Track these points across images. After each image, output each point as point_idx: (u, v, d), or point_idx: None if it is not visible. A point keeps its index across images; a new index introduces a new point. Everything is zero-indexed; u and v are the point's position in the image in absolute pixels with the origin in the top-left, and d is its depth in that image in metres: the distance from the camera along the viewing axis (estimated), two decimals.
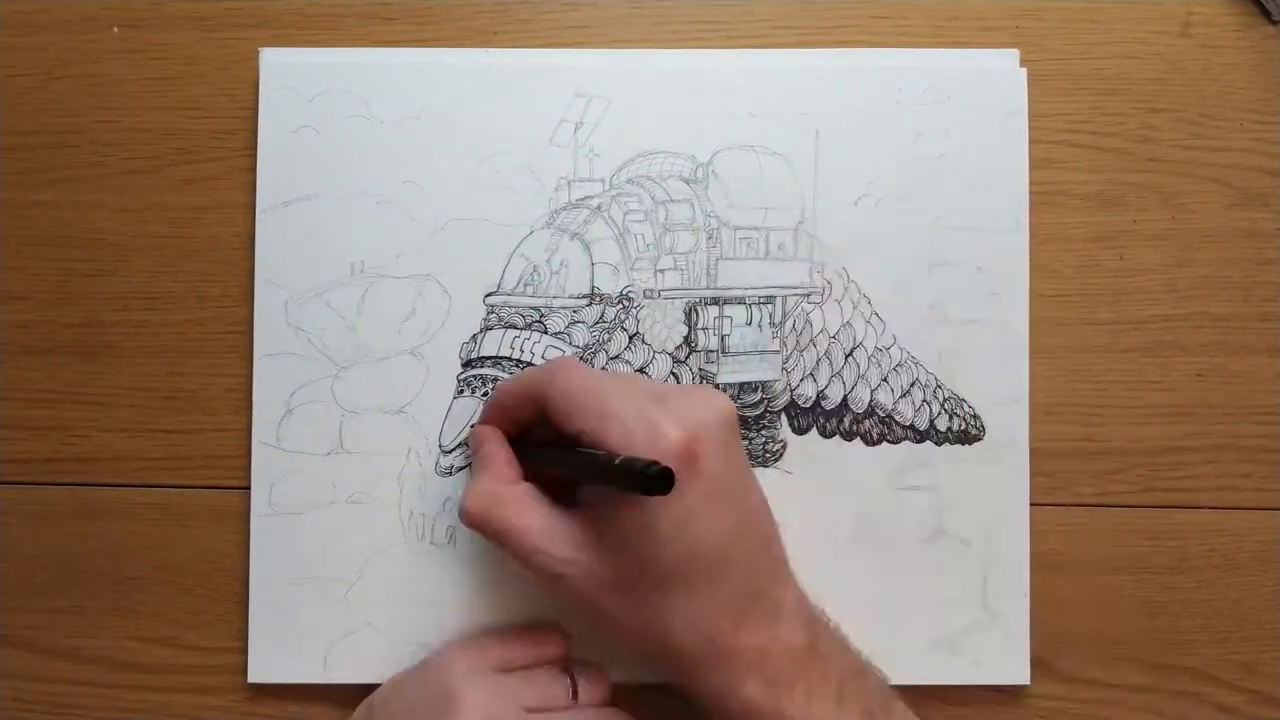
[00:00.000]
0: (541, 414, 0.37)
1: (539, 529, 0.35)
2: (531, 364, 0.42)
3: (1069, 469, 0.43)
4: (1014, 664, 0.42)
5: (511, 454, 0.38)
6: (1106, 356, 0.43)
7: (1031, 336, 0.42)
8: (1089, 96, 0.43)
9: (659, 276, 0.42)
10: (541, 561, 0.35)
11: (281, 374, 0.42)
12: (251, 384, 0.42)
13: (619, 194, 0.42)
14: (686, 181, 0.43)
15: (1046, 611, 0.42)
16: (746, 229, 0.42)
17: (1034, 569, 0.42)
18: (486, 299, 0.42)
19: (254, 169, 0.42)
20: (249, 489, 0.42)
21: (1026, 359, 0.42)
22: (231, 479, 0.43)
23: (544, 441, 0.38)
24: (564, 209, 0.42)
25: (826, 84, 0.42)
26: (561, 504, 0.36)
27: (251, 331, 0.42)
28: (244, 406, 0.42)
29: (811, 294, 0.42)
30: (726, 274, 0.42)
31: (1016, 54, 0.43)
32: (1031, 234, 0.42)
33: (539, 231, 0.42)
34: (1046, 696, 0.42)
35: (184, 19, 0.43)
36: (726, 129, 0.42)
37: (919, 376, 0.42)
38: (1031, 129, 0.43)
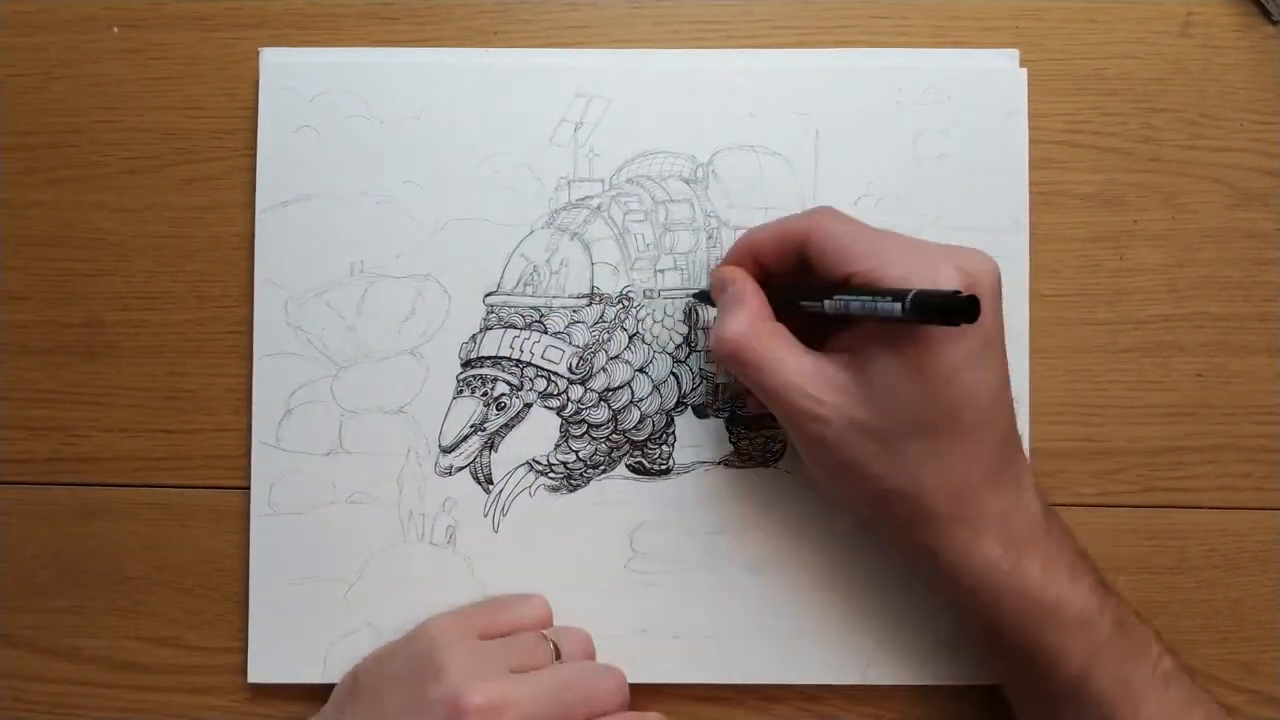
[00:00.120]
0: (796, 259, 0.36)
1: (797, 367, 0.35)
2: (531, 364, 0.42)
3: (1069, 469, 0.43)
4: None
5: (763, 293, 0.37)
6: (1106, 356, 0.43)
7: (1031, 336, 0.42)
8: (1089, 96, 0.43)
9: (659, 276, 0.42)
10: (796, 400, 0.35)
11: (281, 374, 0.42)
12: (251, 384, 0.42)
13: (619, 194, 0.42)
14: (686, 181, 0.43)
15: None
16: (747, 229, 0.42)
17: None
18: (486, 299, 0.42)
19: (254, 169, 0.42)
20: (249, 489, 0.42)
21: (1026, 359, 0.42)
22: (231, 479, 0.43)
23: (794, 286, 0.37)
24: (564, 209, 0.42)
25: (826, 84, 0.42)
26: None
27: (251, 331, 0.42)
28: (244, 406, 0.42)
29: None
30: None
31: (1016, 54, 0.43)
32: (1031, 234, 0.42)
33: (539, 231, 0.42)
34: None
35: (184, 19, 0.43)
36: (726, 129, 0.42)
37: None
38: (1031, 129, 0.43)
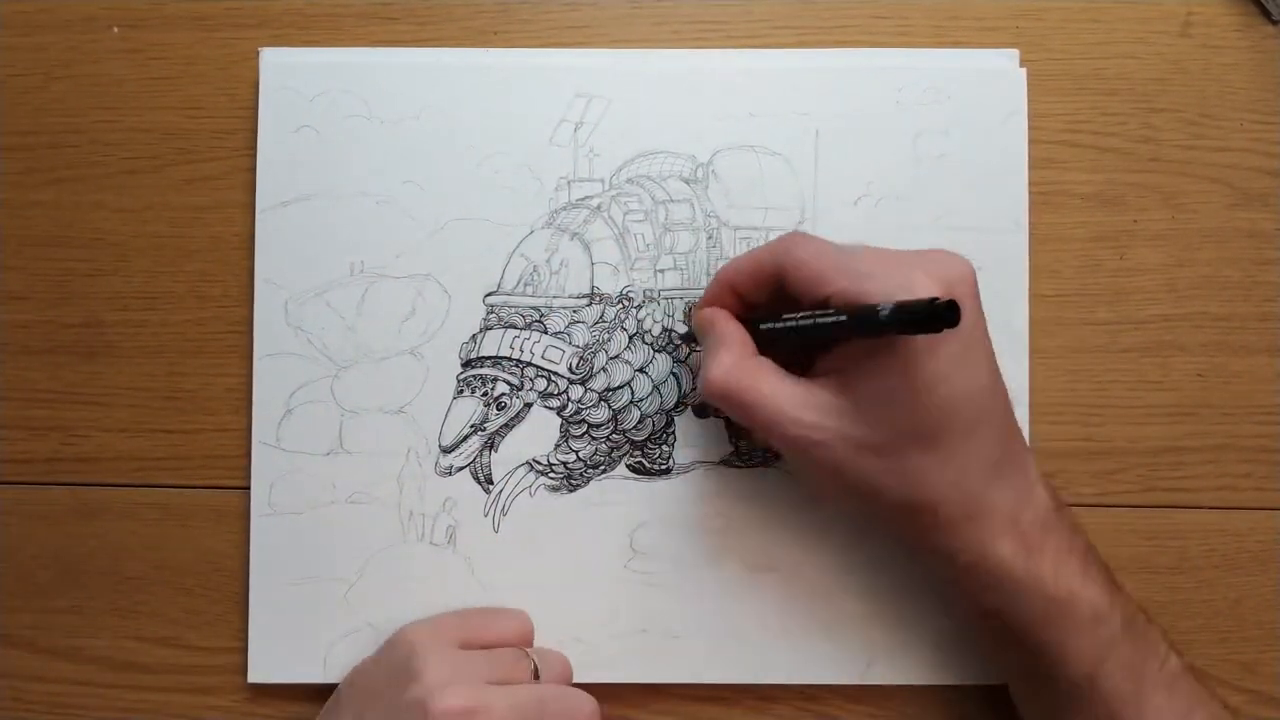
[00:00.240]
0: (773, 289, 0.37)
1: (787, 396, 0.35)
2: (531, 364, 0.42)
3: (1069, 469, 0.43)
4: None
5: (744, 330, 0.38)
6: (1106, 356, 0.43)
7: (1031, 336, 0.42)
8: (1089, 96, 0.43)
9: (659, 276, 0.42)
10: (792, 429, 0.35)
11: (281, 374, 0.42)
12: (251, 384, 0.42)
13: (619, 194, 0.42)
14: (686, 181, 0.43)
15: None
16: (746, 229, 0.42)
17: None
18: (486, 299, 0.42)
19: (254, 169, 0.42)
20: (249, 489, 0.42)
21: (1026, 359, 0.42)
22: (231, 479, 0.43)
23: (774, 316, 0.37)
24: (564, 209, 0.42)
25: (826, 84, 0.42)
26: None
27: (251, 331, 0.42)
28: (244, 406, 0.42)
29: None
30: None
31: (1016, 54, 0.43)
32: (1031, 234, 0.42)
33: (539, 231, 0.42)
34: None
35: (184, 19, 0.43)
36: (726, 129, 0.42)
37: None
38: (1031, 129, 0.43)
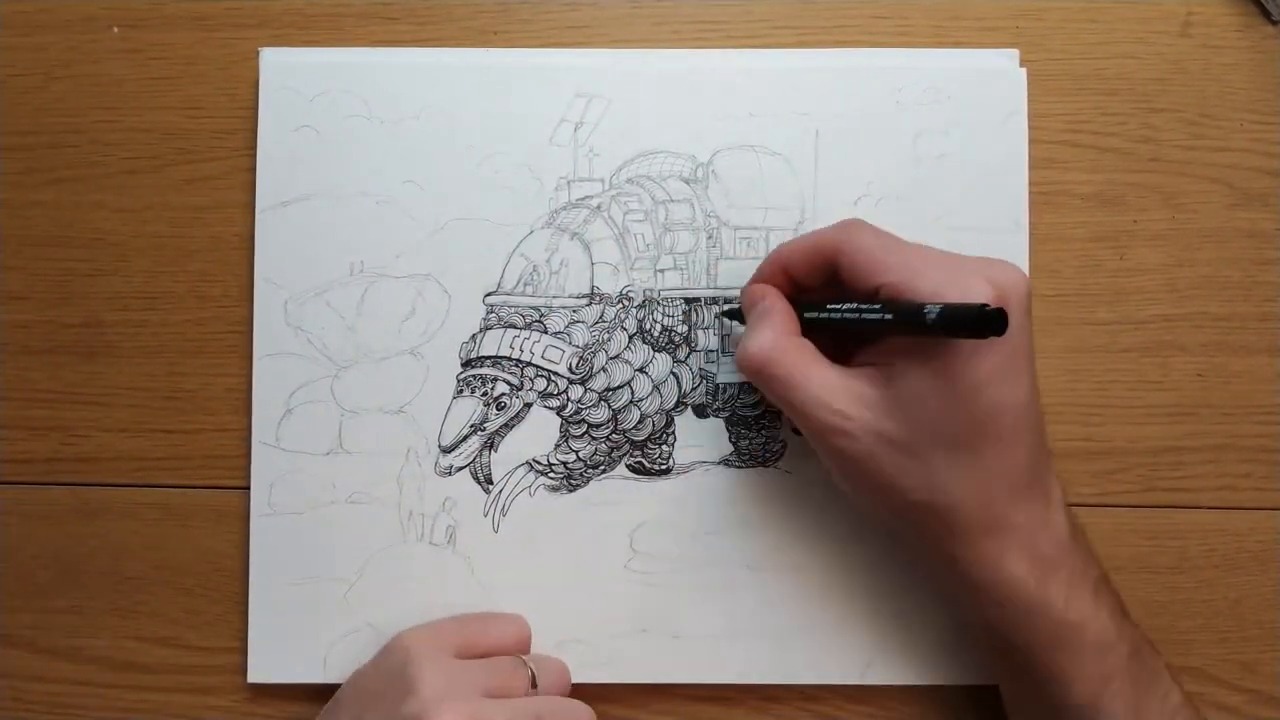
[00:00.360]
0: (827, 273, 0.36)
1: (822, 381, 0.35)
2: (532, 364, 0.42)
3: (1069, 469, 0.43)
4: None
5: (791, 309, 0.37)
6: (1106, 356, 0.43)
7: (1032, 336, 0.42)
8: (1089, 96, 0.43)
9: (659, 276, 0.42)
10: (822, 415, 0.34)
11: (281, 374, 0.42)
12: (251, 384, 0.42)
13: (619, 194, 0.42)
14: (686, 181, 0.43)
15: None
16: (746, 229, 0.42)
17: None
18: (486, 299, 0.42)
19: (254, 169, 0.42)
20: (249, 489, 0.42)
21: None
22: (231, 479, 0.43)
23: (823, 301, 0.37)
24: (564, 209, 0.42)
25: (826, 84, 0.42)
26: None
27: (251, 331, 0.42)
28: (244, 406, 0.42)
29: None
30: (727, 274, 0.42)
31: (1016, 54, 0.43)
32: (1031, 234, 0.42)
33: (539, 231, 0.42)
34: None
35: (184, 19, 0.43)
36: (726, 129, 0.42)
37: None
38: (1031, 129, 0.42)
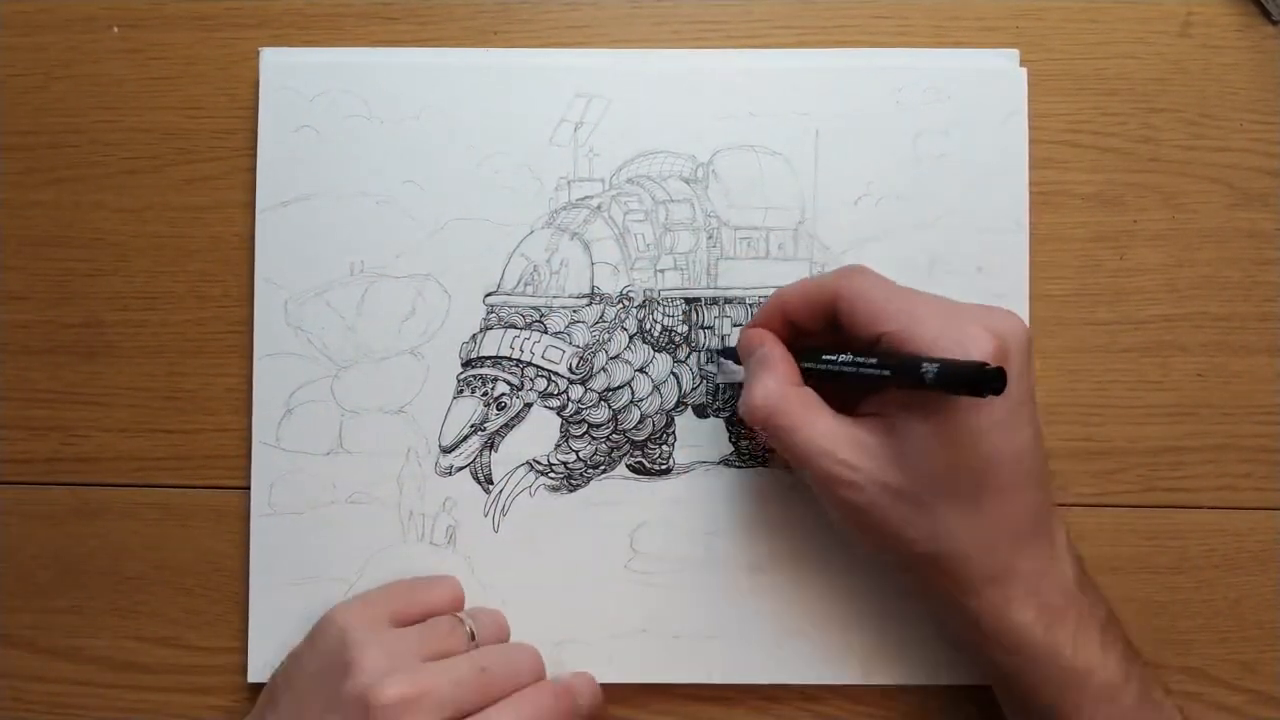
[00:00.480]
0: (826, 318, 0.36)
1: (827, 431, 0.35)
2: (532, 364, 0.42)
3: (1069, 469, 0.43)
4: None
5: (790, 357, 0.37)
6: (1106, 356, 0.43)
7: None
8: (1089, 96, 0.43)
9: (659, 276, 0.42)
10: (827, 465, 0.34)
11: (281, 374, 0.42)
12: (251, 384, 0.42)
13: (619, 194, 0.42)
14: (686, 181, 0.43)
15: None
16: (747, 229, 0.42)
17: None
18: (486, 299, 0.42)
19: (254, 169, 0.42)
20: (249, 489, 0.42)
21: None
22: (231, 479, 0.43)
23: (822, 349, 0.37)
24: (564, 209, 0.42)
25: (826, 84, 0.42)
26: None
27: (251, 331, 0.42)
28: (244, 406, 0.42)
29: None
30: (727, 274, 0.42)
31: (1016, 54, 0.43)
32: (1031, 234, 0.42)
33: (539, 231, 0.42)
34: None
35: (184, 19, 0.43)
36: (726, 129, 0.42)
37: None
38: (1031, 129, 0.42)
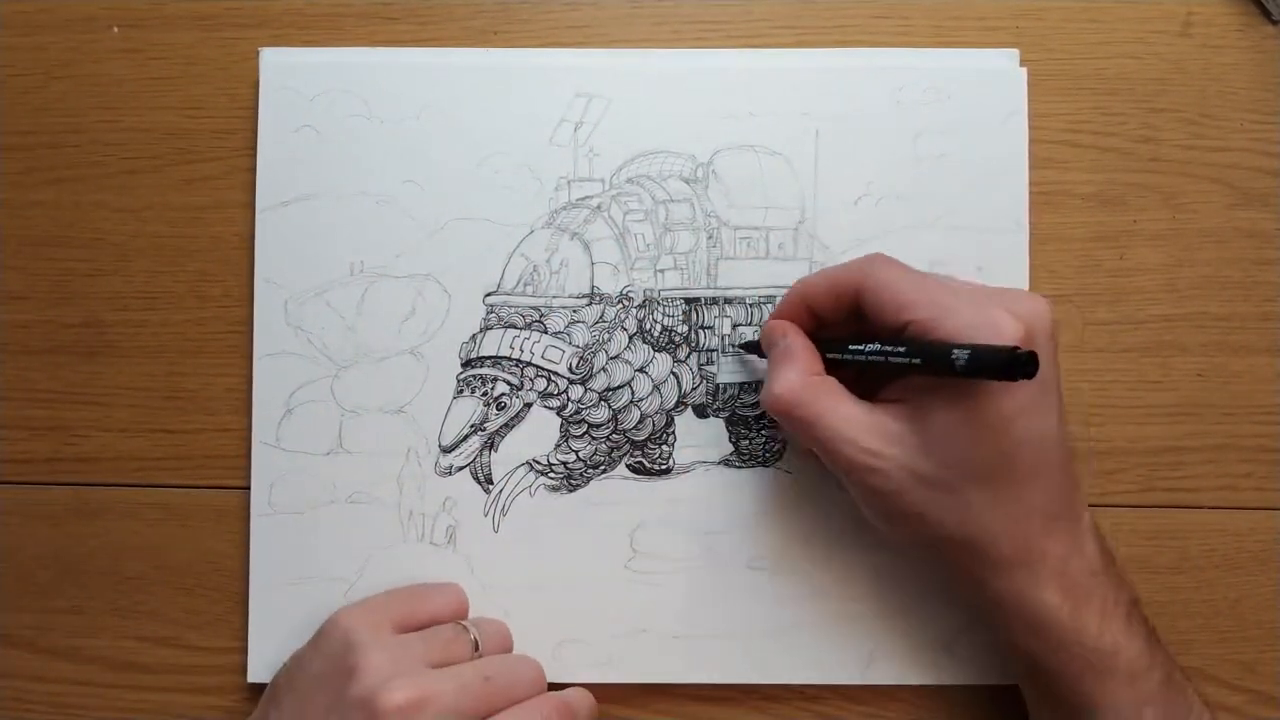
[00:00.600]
0: (850, 308, 0.37)
1: (850, 419, 0.35)
2: (532, 364, 0.42)
3: None
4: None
5: (813, 347, 0.37)
6: (1106, 356, 0.43)
7: None
8: (1089, 96, 0.43)
9: (659, 276, 0.42)
10: (852, 453, 0.35)
11: (281, 374, 0.42)
12: (251, 384, 0.42)
13: (619, 194, 0.42)
14: (686, 181, 0.43)
15: None
16: (746, 229, 0.42)
17: None
18: (486, 299, 0.42)
19: (254, 169, 0.42)
20: (249, 489, 0.42)
21: None
22: (231, 479, 0.43)
23: (846, 338, 0.37)
24: (564, 209, 0.42)
25: (826, 84, 0.42)
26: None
27: (251, 331, 0.42)
28: (244, 406, 0.42)
29: None
30: (727, 274, 0.42)
31: (1017, 54, 0.43)
32: (1031, 234, 0.42)
33: (539, 231, 0.42)
34: None
35: (184, 19, 0.43)
36: (726, 129, 0.42)
37: None
38: (1032, 129, 0.42)
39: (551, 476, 0.42)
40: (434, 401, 0.42)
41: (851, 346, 0.36)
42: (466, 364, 0.42)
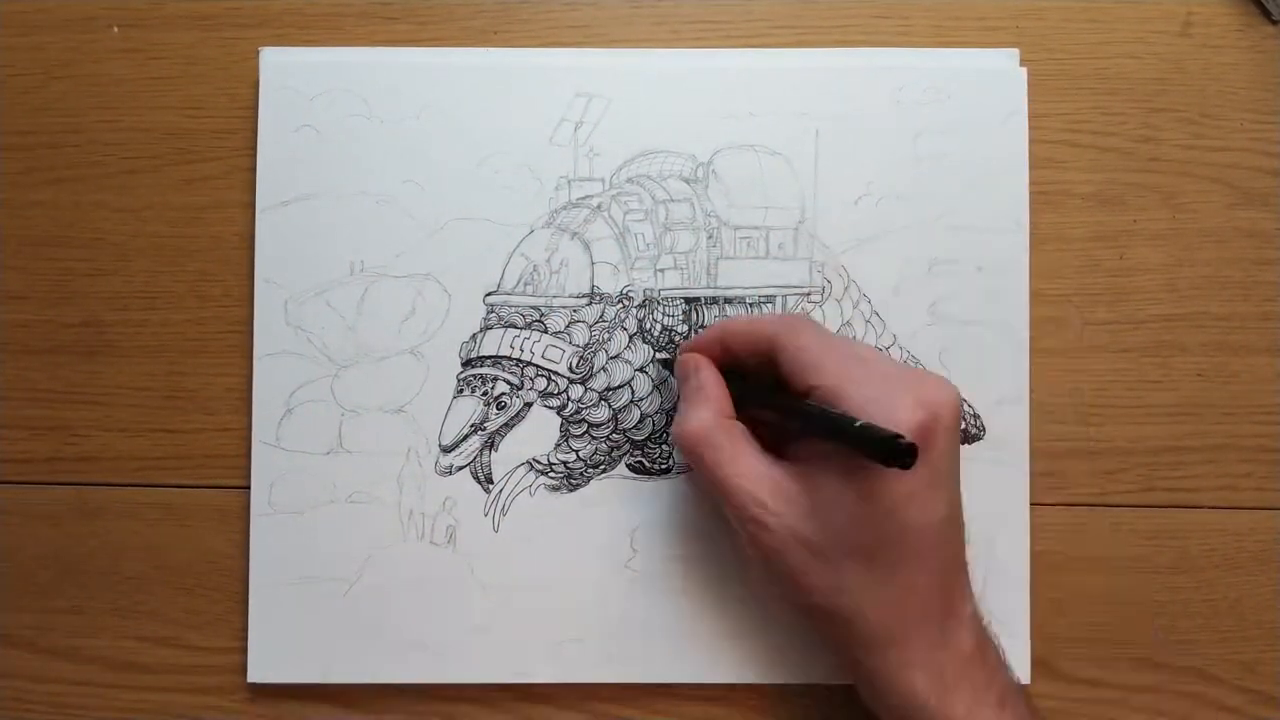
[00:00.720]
0: (764, 358, 0.37)
1: (750, 471, 0.35)
2: (532, 364, 0.42)
3: (1069, 469, 0.43)
4: (1014, 664, 0.41)
5: (725, 388, 0.37)
6: (1106, 356, 0.43)
7: (1031, 336, 0.42)
8: (1089, 96, 0.43)
9: (659, 276, 0.42)
10: (746, 505, 0.35)
11: (281, 374, 0.42)
12: (251, 384, 0.42)
13: (619, 193, 0.42)
14: (686, 181, 0.43)
15: (1046, 611, 0.42)
16: (746, 228, 0.42)
17: (1034, 569, 0.42)
18: (486, 298, 0.42)
19: (254, 169, 0.42)
20: (249, 489, 0.42)
21: (1026, 359, 0.42)
22: (231, 479, 0.43)
23: (757, 386, 0.37)
24: (564, 208, 0.42)
25: (826, 84, 0.42)
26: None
27: (251, 331, 0.42)
28: (244, 406, 0.42)
29: (811, 293, 0.42)
30: (727, 273, 0.42)
31: (1017, 54, 0.43)
32: (1031, 234, 0.42)
33: (539, 231, 0.42)
34: (1047, 696, 0.42)
35: (184, 19, 0.43)
36: (726, 129, 0.42)
37: None
38: (1032, 129, 0.43)
39: (552, 476, 0.42)
40: (434, 401, 0.42)
41: (756, 396, 0.36)
42: (466, 363, 0.42)
